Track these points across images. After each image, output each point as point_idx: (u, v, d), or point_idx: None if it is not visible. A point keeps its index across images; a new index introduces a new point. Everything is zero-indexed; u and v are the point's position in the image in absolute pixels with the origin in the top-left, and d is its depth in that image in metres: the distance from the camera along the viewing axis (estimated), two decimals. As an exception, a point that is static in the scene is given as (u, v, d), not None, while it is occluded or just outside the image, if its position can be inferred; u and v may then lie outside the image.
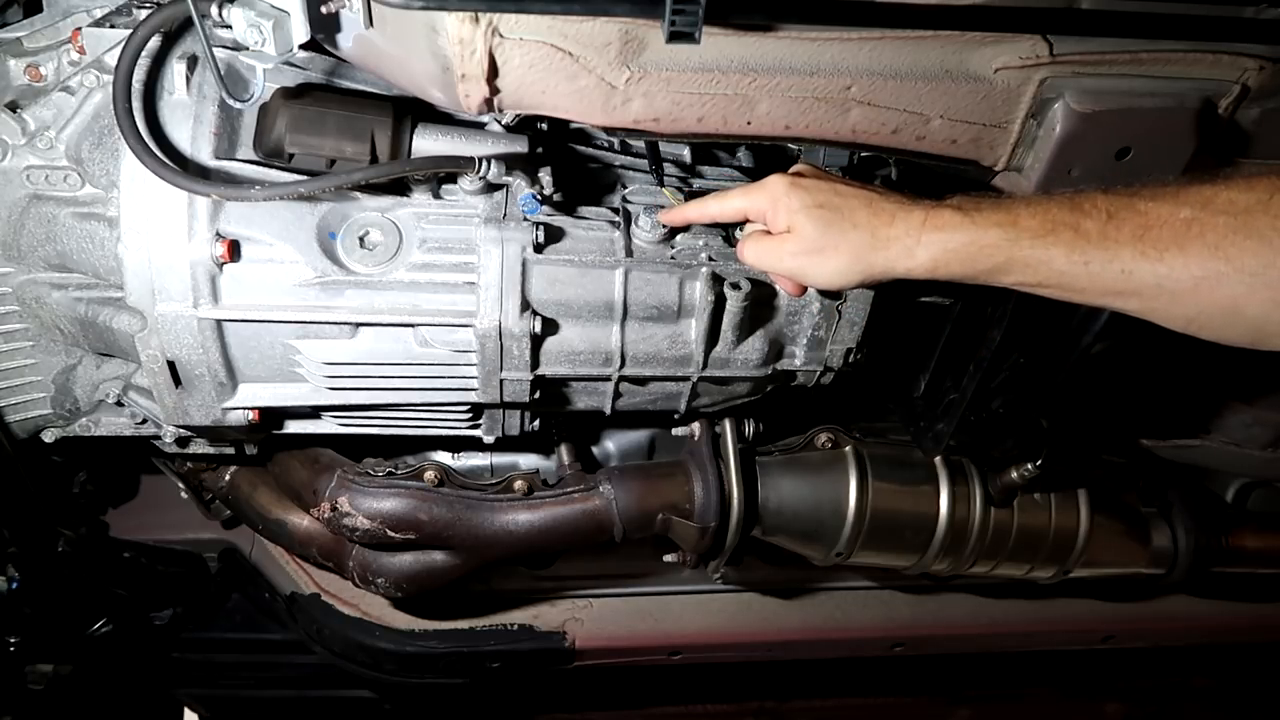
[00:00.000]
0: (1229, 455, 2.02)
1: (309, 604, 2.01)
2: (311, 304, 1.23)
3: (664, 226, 1.27)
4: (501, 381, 1.30)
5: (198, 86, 1.18)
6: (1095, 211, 0.94)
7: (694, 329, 1.31)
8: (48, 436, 1.45)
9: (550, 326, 1.28)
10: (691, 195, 1.31)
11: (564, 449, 1.66)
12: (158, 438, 1.44)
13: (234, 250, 1.19)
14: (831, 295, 1.31)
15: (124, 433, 1.45)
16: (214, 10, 1.04)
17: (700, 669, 2.28)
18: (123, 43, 1.13)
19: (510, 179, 1.24)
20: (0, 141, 1.22)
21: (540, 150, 1.30)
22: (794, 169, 1.17)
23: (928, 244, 1.02)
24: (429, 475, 1.55)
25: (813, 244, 1.07)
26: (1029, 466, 1.52)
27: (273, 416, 1.39)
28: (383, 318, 1.24)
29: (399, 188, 1.28)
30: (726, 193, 1.19)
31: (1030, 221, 0.97)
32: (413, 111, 1.24)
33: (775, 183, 1.12)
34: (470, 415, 1.43)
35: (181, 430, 1.38)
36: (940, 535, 1.58)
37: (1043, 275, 0.97)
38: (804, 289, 1.25)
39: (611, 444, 1.78)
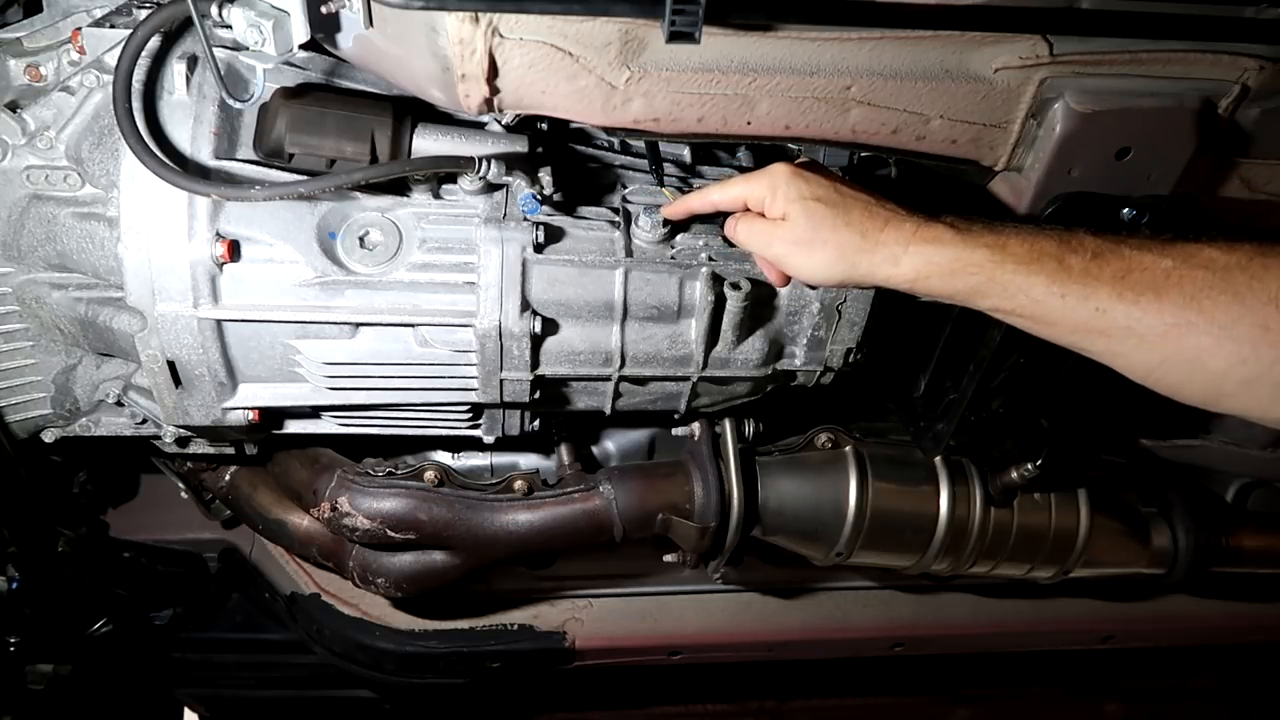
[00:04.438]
0: (1229, 455, 2.02)
1: (309, 604, 2.01)
2: (311, 304, 1.23)
3: (665, 226, 1.27)
4: (501, 381, 1.30)
5: (198, 86, 1.19)
6: (1082, 249, 0.95)
7: (694, 329, 1.31)
8: (48, 436, 1.46)
9: (550, 326, 1.28)
10: (691, 195, 1.31)
11: (564, 449, 1.66)
12: (158, 438, 1.44)
13: (234, 250, 1.19)
14: (831, 294, 1.31)
15: (124, 433, 1.45)
16: (214, 10, 1.05)
17: (700, 669, 2.27)
18: (123, 43, 1.14)
19: (510, 179, 1.24)
20: (0, 141, 1.22)
21: (540, 150, 1.30)
22: (799, 161, 1.17)
23: (914, 254, 1.02)
24: (429, 475, 1.55)
25: (803, 234, 1.07)
26: (1029, 466, 1.52)
27: (273, 416, 1.39)
28: (383, 318, 1.24)
29: (399, 188, 1.28)
30: (728, 180, 1.18)
31: (1018, 248, 0.97)
32: (413, 111, 1.24)
33: (778, 170, 1.12)
34: (470, 415, 1.43)
35: (181, 430, 1.38)
36: (940, 535, 1.58)
37: (1019, 302, 0.98)
38: (787, 279, 1.23)
39: (611, 444, 1.78)
